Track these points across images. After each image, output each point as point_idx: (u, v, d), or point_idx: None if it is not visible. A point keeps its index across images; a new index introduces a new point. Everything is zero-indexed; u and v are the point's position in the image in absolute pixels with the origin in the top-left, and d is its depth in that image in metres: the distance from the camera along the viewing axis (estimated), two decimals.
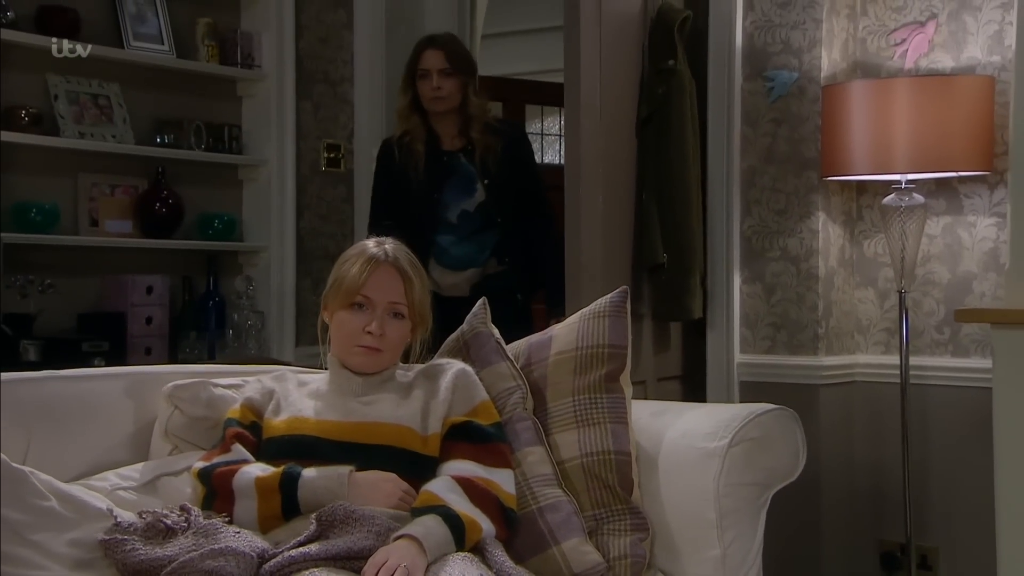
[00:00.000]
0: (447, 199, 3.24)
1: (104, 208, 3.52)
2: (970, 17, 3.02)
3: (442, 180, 3.25)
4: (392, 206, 3.26)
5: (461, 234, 3.24)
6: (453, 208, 3.24)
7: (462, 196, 3.25)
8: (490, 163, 3.24)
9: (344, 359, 2.01)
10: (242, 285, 3.89)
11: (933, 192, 3.06)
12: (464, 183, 3.26)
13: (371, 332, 1.97)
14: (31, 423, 2.00)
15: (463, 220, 3.25)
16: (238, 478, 1.88)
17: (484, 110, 3.31)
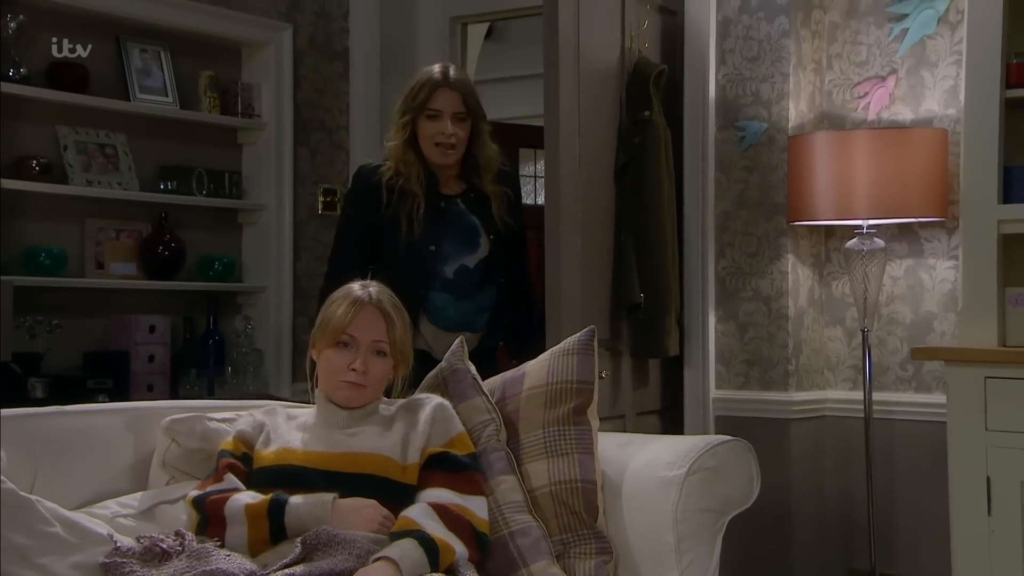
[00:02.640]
0: (445, 252, 2.81)
1: (110, 251, 3.68)
2: (927, 72, 3.19)
3: (440, 230, 2.82)
4: (365, 252, 2.82)
5: (459, 293, 2.82)
6: (451, 263, 2.82)
7: (463, 250, 2.84)
8: (499, 215, 2.87)
9: (330, 394, 2.16)
10: (241, 324, 4.04)
11: (896, 236, 3.21)
12: (466, 236, 2.85)
13: (355, 369, 2.12)
14: (38, 455, 2.13)
15: (461, 277, 2.83)
16: (229, 505, 2.02)
17: (498, 158, 2.90)
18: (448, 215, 2.84)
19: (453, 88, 2.81)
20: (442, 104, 2.80)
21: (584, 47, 3.25)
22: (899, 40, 3.22)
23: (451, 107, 2.80)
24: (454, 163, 2.84)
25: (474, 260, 2.85)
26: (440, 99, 2.80)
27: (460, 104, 2.81)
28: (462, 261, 2.84)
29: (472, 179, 2.86)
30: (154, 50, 3.78)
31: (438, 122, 2.79)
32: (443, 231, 2.83)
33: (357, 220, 2.88)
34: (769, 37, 3.27)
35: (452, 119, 2.79)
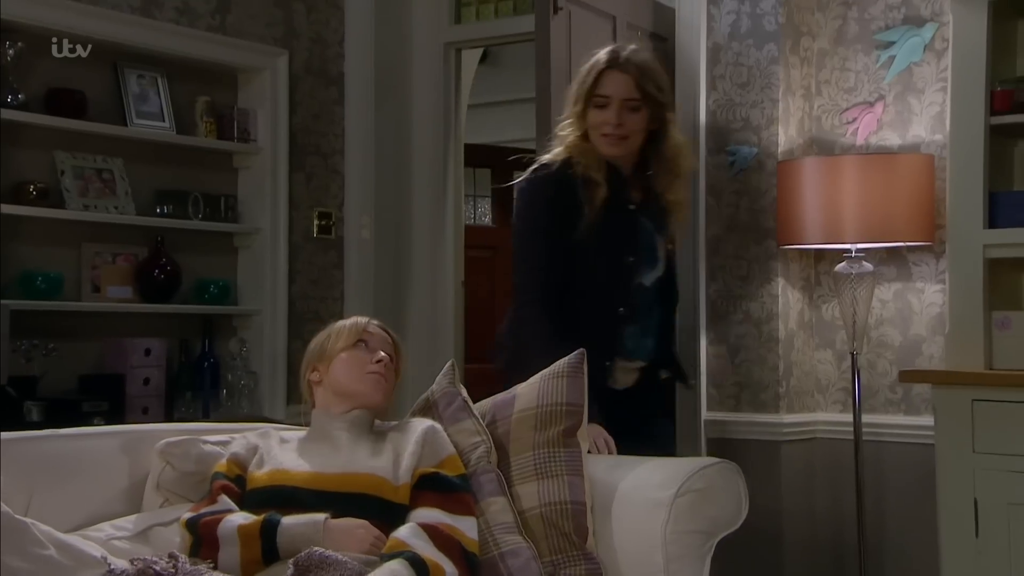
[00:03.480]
0: (638, 266, 2.49)
1: (106, 275, 3.70)
2: (914, 99, 3.24)
3: (634, 240, 2.48)
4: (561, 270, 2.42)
5: (639, 315, 2.52)
6: (638, 279, 2.51)
7: (647, 266, 2.52)
8: (672, 228, 2.57)
9: (354, 389, 2.21)
10: (236, 347, 4.06)
11: (885, 260, 3.25)
12: (649, 248, 2.52)
13: (380, 360, 2.22)
14: (33, 479, 2.15)
15: (639, 297, 2.53)
16: (222, 526, 2.04)
17: (685, 158, 2.51)
18: (632, 223, 2.49)
19: (624, 70, 2.41)
20: (610, 89, 2.41)
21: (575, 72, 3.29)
22: (886, 67, 3.27)
23: (620, 92, 2.40)
24: (627, 158, 2.44)
25: (652, 278, 2.53)
26: (608, 83, 2.41)
27: (632, 89, 2.40)
28: (641, 279, 2.52)
29: (649, 181, 2.47)
30: (151, 76, 3.82)
31: (605, 111, 2.40)
32: (636, 241, 2.48)
33: (555, 228, 2.41)
34: (759, 63, 3.31)
35: (621, 106, 2.39)
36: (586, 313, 2.38)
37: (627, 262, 2.45)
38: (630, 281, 2.46)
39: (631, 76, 2.41)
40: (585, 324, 2.41)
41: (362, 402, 2.20)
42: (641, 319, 2.50)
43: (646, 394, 2.43)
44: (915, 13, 3.23)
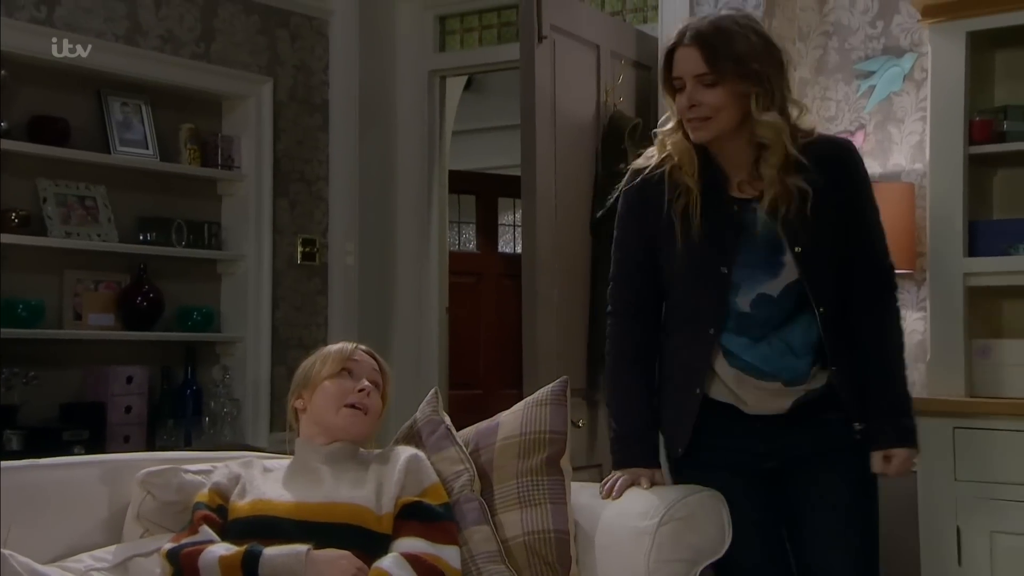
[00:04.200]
0: (739, 277, 2.10)
1: (88, 302, 3.68)
2: (894, 128, 3.27)
3: (731, 245, 2.10)
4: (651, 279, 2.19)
5: (757, 332, 2.11)
6: (746, 290, 2.10)
7: (760, 273, 2.10)
8: (804, 217, 2.07)
9: (331, 422, 2.18)
10: (219, 374, 4.04)
11: None
12: (764, 252, 2.10)
13: (362, 390, 2.18)
14: (12, 509, 2.13)
15: (761, 308, 2.11)
16: (203, 557, 2.02)
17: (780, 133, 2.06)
18: (738, 224, 2.10)
19: (690, 45, 2.07)
20: (680, 68, 2.08)
21: (560, 101, 3.32)
22: (867, 96, 3.30)
23: (689, 69, 2.06)
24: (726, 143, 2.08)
25: (778, 286, 2.09)
26: (678, 62, 2.09)
27: (699, 63, 2.05)
28: (761, 289, 2.10)
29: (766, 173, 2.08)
30: (135, 103, 3.82)
31: (683, 94, 2.08)
32: (735, 247, 2.10)
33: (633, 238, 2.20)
34: None
35: (694, 83, 2.05)
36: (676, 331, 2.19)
37: (720, 273, 2.07)
38: (724, 294, 2.08)
39: (696, 48, 2.06)
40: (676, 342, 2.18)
41: (341, 435, 2.19)
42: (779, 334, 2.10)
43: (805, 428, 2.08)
44: (895, 44, 3.26)
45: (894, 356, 2.16)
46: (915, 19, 3.15)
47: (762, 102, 2.05)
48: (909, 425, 2.17)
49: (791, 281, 2.09)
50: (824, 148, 2.13)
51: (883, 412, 2.14)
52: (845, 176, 2.15)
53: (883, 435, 2.13)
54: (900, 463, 2.14)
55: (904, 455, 2.14)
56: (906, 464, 2.14)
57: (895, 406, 2.15)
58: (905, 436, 2.15)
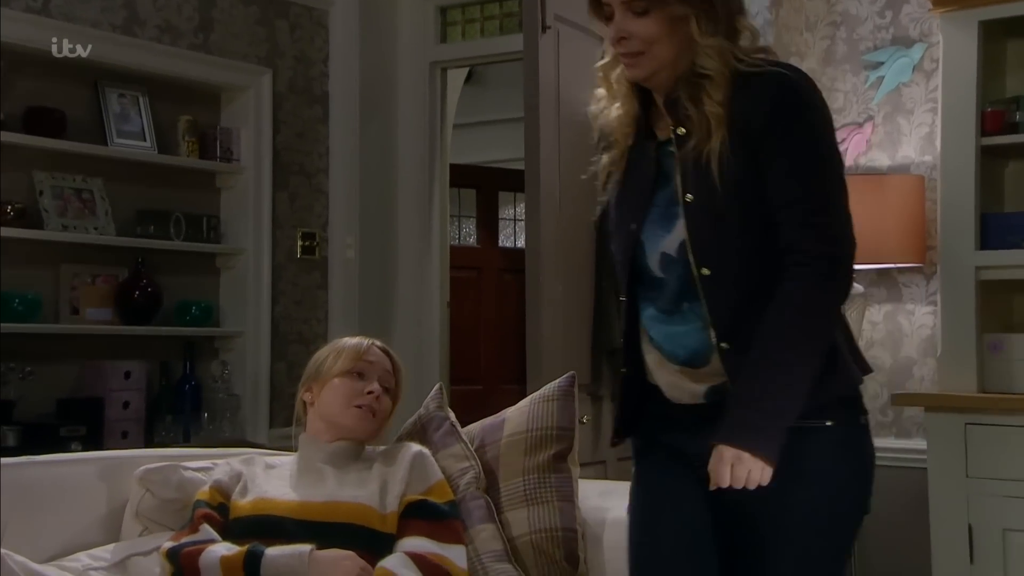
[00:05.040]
0: (646, 234, 1.74)
1: (85, 297, 3.64)
2: (903, 119, 3.22)
3: (646, 197, 1.75)
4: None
5: (671, 302, 1.73)
6: (651, 249, 1.74)
7: (659, 228, 1.73)
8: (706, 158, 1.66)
9: (338, 420, 2.13)
10: (218, 369, 4.00)
11: (875, 281, 3.23)
12: (666, 202, 1.74)
13: (371, 392, 2.13)
14: (8, 507, 2.09)
15: (670, 272, 1.72)
16: (204, 557, 1.98)
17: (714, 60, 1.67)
18: (663, 170, 1.74)
19: None
20: None
21: (564, 92, 3.27)
22: (875, 87, 3.26)
23: None
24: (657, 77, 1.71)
25: (674, 244, 1.71)
26: None
27: None
28: (662, 247, 1.72)
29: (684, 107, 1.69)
30: (132, 95, 3.77)
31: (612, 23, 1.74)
32: (652, 198, 1.74)
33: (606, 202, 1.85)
34: None
35: (623, 12, 1.70)
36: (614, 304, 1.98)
37: (629, 231, 1.74)
38: (632, 255, 1.74)
39: None
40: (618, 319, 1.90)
41: (346, 435, 2.14)
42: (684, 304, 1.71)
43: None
44: (904, 34, 3.22)
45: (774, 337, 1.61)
46: (925, 8, 3.11)
47: (704, 25, 1.67)
48: (748, 419, 1.60)
49: (684, 238, 1.69)
50: (762, 79, 1.66)
51: (734, 399, 1.64)
52: (768, 111, 1.64)
53: (719, 425, 1.62)
54: (722, 464, 1.59)
55: (729, 455, 1.59)
56: (736, 470, 1.59)
57: (743, 394, 1.62)
58: (732, 430, 1.60)
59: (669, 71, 1.69)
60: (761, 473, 1.59)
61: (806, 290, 1.62)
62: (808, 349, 1.62)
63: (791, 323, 1.61)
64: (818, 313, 1.62)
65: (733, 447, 1.59)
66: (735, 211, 1.66)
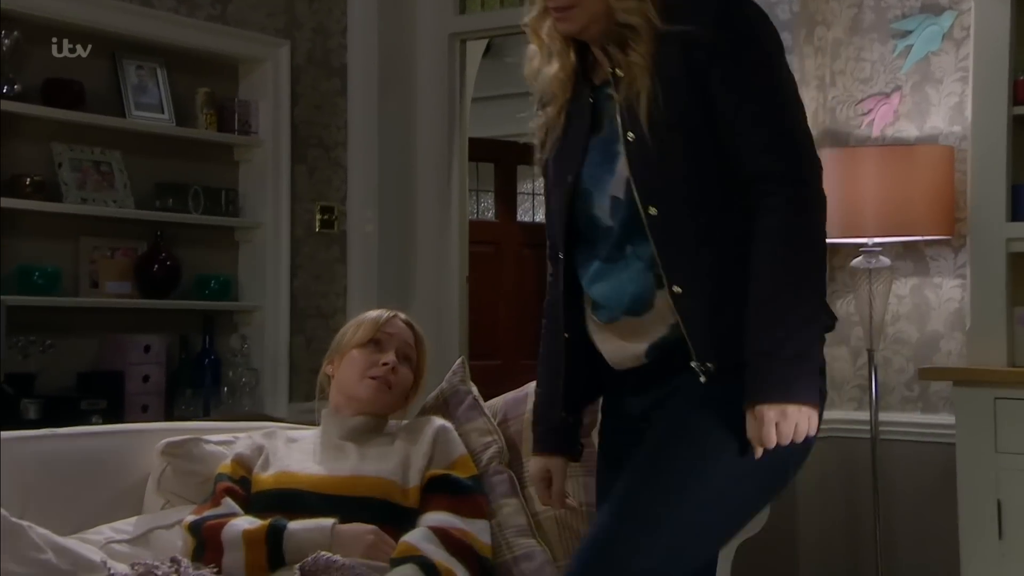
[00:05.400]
0: (589, 182, 1.65)
1: (104, 270, 3.63)
2: (932, 89, 3.17)
3: (582, 145, 1.66)
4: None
5: (610, 246, 1.64)
6: (599, 197, 1.64)
7: (603, 171, 1.64)
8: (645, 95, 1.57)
9: (353, 392, 2.11)
10: (237, 343, 3.99)
11: (901, 254, 3.18)
12: (606, 143, 1.64)
13: (387, 363, 2.10)
14: (30, 479, 2.09)
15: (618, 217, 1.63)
16: (227, 531, 1.97)
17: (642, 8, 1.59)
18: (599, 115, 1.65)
19: None
20: None
21: None
22: (903, 56, 3.20)
23: None
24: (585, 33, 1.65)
25: (620, 186, 1.61)
26: None
27: None
28: (610, 190, 1.63)
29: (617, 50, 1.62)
30: (150, 67, 3.74)
31: None
32: (587, 145, 1.65)
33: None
34: None
35: None
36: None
37: (567, 184, 1.65)
38: (573, 208, 1.65)
39: None
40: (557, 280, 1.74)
41: (364, 408, 2.12)
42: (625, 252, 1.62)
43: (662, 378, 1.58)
44: (933, 1, 3.16)
45: (770, 278, 1.51)
46: None
47: None
48: (783, 373, 1.50)
49: (627, 177, 1.59)
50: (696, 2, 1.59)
51: (752, 353, 1.52)
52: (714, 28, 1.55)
53: (748, 385, 1.52)
54: (767, 425, 1.49)
55: (772, 414, 1.49)
56: (781, 427, 1.49)
57: (763, 344, 1.50)
58: (774, 388, 1.49)
59: (601, 23, 1.63)
60: (808, 422, 1.54)
61: (787, 222, 1.53)
62: (811, 282, 1.56)
63: (785, 259, 1.52)
64: (808, 243, 1.55)
65: (773, 404, 1.50)
66: (680, 146, 1.57)
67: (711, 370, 1.57)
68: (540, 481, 1.82)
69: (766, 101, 1.57)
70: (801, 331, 1.53)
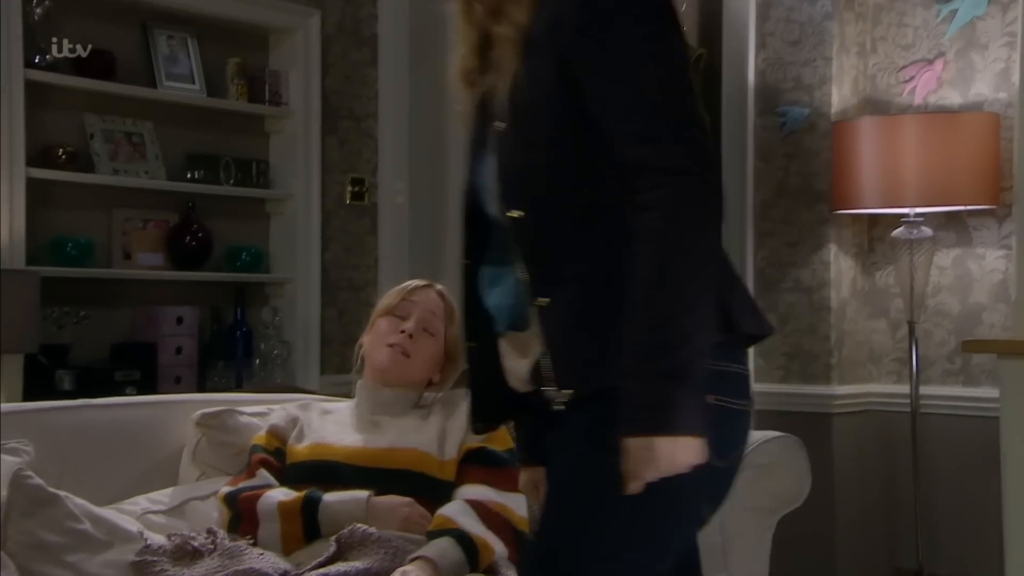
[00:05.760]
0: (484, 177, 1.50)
1: (136, 241, 3.63)
2: (977, 55, 3.09)
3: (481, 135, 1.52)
4: None
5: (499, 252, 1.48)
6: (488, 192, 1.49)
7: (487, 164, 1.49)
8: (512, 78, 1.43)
9: (373, 360, 2.10)
10: (268, 315, 3.98)
11: (943, 225, 3.12)
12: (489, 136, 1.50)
13: (404, 331, 2.07)
14: (66, 450, 2.09)
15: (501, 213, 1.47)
16: (262, 502, 1.96)
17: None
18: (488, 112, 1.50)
19: None
20: None
21: None
22: (947, 22, 3.12)
23: None
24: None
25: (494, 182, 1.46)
26: None
27: None
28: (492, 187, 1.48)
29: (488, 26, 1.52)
30: (181, 37, 3.72)
31: None
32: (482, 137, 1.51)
33: None
34: (811, 20, 3.17)
35: None
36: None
37: (467, 179, 1.54)
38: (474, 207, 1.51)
39: None
40: None
41: (385, 378, 2.10)
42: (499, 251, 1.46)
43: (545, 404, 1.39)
44: None
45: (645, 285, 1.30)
46: None
47: None
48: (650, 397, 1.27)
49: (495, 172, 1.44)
50: None
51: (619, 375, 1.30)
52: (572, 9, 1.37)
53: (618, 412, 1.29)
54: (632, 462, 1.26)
55: (637, 448, 1.26)
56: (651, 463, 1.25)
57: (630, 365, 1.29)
58: (639, 416, 1.27)
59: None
60: (687, 452, 1.26)
61: (666, 219, 1.29)
62: (695, 288, 1.29)
63: (662, 263, 1.29)
64: (690, 243, 1.29)
65: (638, 436, 1.25)
66: (546, 136, 1.37)
67: (566, 397, 1.35)
68: (532, 491, 1.61)
69: (639, 83, 1.33)
70: (678, 347, 1.27)
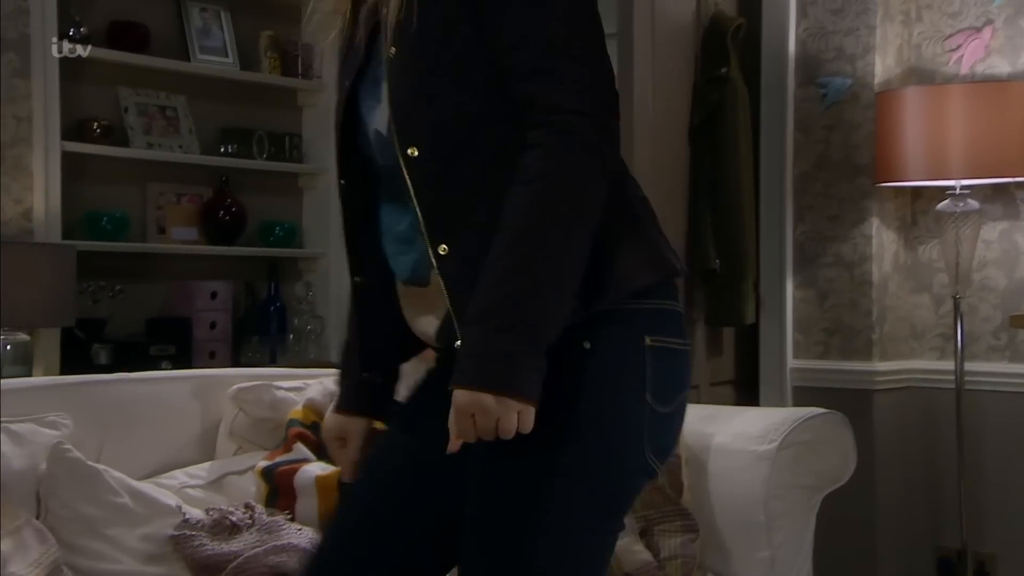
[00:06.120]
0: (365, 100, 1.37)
1: (171, 216, 3.63)
2: None
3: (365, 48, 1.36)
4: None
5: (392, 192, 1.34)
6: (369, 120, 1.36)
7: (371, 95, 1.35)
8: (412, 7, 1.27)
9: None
10: (302, 290, 3.98)
11: (989, 197, 3.04)
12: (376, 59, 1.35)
13: None
14: (105, 423, 2.09)
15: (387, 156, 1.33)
16: (299, 476, 1.96)
17: None
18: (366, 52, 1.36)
19: None
20: None
21: (659, 2, 3.13)
22: None
23: None
24: None
25: (385, 119, 1.31)
26: None
27: None
28: (375, 124, 1.34)
29: None
30: (214, 9, 3.70)
31: None
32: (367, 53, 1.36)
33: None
34: None
35: None
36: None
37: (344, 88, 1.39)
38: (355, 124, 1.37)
39: None
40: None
41: None
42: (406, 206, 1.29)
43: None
44: None
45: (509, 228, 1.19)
46: None
47: None
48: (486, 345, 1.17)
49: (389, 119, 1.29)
50: None
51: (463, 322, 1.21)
52: None
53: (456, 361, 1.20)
54: (456, 414, 1.17)
55: (464, 401, 1.16)
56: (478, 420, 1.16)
57: (476, 310, 1.18)
58: (471, 367, 1.17)
59: None
60: (518, 419, 1.15)
61: (549, 158, 1.19)
62: (563, 240, 1.18)
63: (530, 206, 1.18)
64: (568, 189, 1.19)
65: (471, 390, 1.15)
66: (447, 64, 1.24)
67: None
68: (334, 440, 1.45)
69: (539, 11, 1.22)
70: (529, 299, 1.16)
